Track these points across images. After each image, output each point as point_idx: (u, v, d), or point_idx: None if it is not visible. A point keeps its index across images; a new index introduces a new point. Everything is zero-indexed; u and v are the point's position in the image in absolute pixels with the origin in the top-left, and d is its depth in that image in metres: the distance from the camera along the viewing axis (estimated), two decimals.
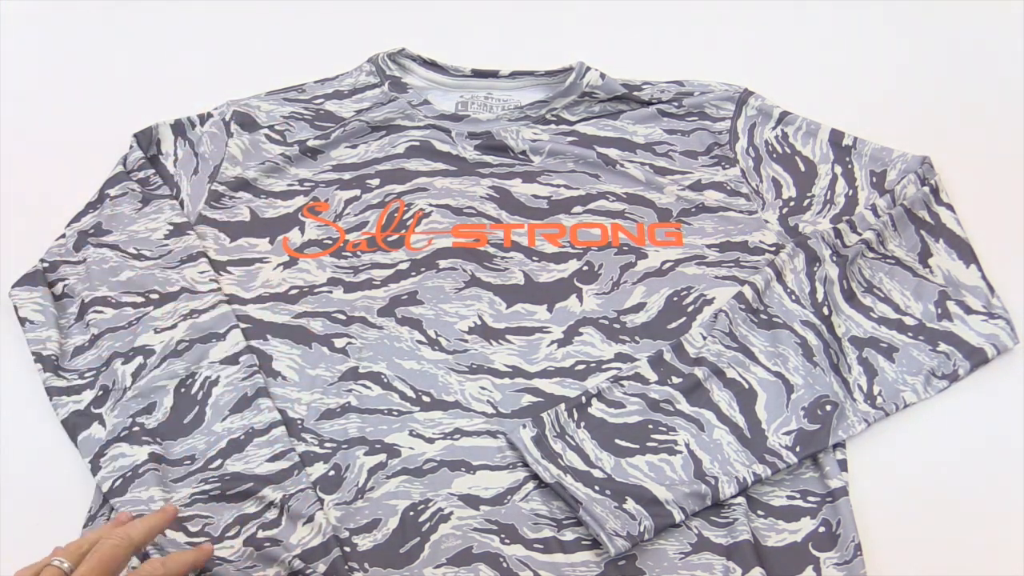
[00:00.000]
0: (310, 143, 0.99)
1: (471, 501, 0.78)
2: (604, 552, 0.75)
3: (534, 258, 0.92)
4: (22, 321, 0.87)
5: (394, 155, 0.99)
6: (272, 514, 0.77)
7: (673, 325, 0.87)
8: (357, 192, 0.96)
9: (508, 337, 0.87)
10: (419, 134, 1.00)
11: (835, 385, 0.82)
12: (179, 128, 1.01)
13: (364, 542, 0.76)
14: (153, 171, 0.98)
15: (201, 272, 0.90)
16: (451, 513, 0.77)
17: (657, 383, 0.82)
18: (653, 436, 0.79)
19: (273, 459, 0.79)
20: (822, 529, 0.77)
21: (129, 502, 0.76)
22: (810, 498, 0.78)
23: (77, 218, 0.94)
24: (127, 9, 1.20)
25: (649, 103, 1.02)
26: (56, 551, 0.64)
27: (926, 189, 0.92)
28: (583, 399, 0.81)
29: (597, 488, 0.76)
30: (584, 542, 0.76)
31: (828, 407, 0.81)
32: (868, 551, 0.75)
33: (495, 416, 0.82)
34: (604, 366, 0.85)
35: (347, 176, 0.98)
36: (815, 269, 0.87)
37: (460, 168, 0.98)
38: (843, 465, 0.80)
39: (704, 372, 0.82)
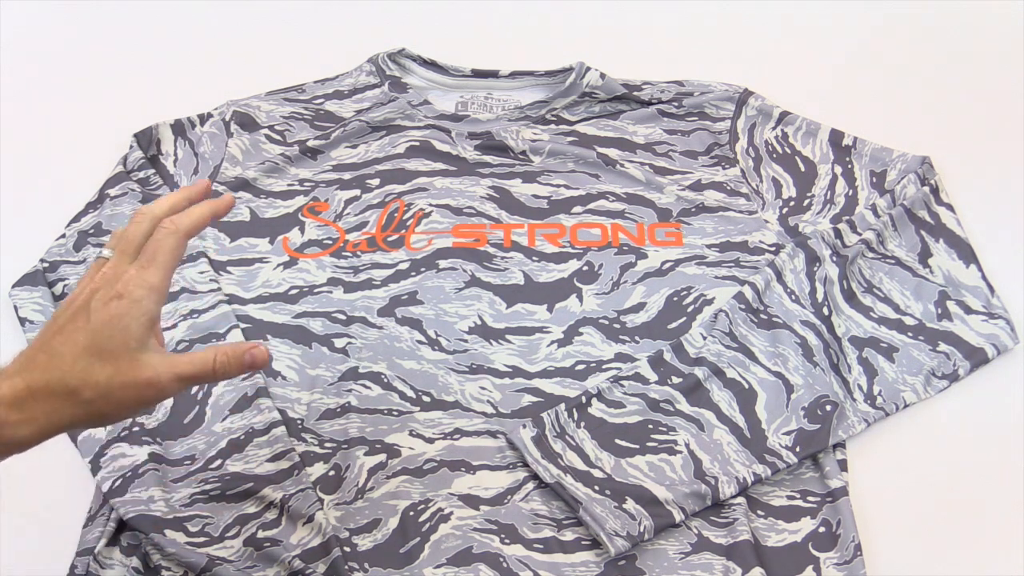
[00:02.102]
0: (310, 143, 0.99)
1: (471, 501, 0.78)
2: (604, 552, 0.75)
3: (534, 258, 0.92)
4: (22, 321, 0.87)
5: (394, 155, 0.99)
6: (272, 514, 0.76)
7: (673, 325, 0.87)
8: (357, 192, 0.96)
9: (508, 337, 0.87)
10: (419, 134, 1.00)
11: (835, 385, 0.82)
12: (179, 128, 1.01)
13: (364, 542, 0.76)
14: (153, 171, 0.98)
15: (201, 272, 0.90)
16: (451, 513, 0.77)
17: (657, 383, 0.82)
18: (653, 436, 0.79)
19: (273, 459, 0.79)
20: (822, 529, 0.77)
21: (129, 502, 0.76)
22: (810, 498, 0.78)
23: (77, 218, 0.94)
24: (127, 8, 1.20)
25: (649, 103, 1.02)
26: (111, 237, 0.61)
27: (926, 189, 0.92)
28: (583, 399, 0.81)
29: (597, 488, 0.76)
30: (584, 542, 0.76)
31: (828, 407, 0.81)
32: (868, 551, 0.75)
33: (495, 416, 0.82)
34: (604, 366, 0.85)
35: (347, 176, 0.98)
36: (815, 269, 0.87)
37: (460, 168, 0.98)
38: (843, 465, 0.79)
39: (704, 372, 0.82)
